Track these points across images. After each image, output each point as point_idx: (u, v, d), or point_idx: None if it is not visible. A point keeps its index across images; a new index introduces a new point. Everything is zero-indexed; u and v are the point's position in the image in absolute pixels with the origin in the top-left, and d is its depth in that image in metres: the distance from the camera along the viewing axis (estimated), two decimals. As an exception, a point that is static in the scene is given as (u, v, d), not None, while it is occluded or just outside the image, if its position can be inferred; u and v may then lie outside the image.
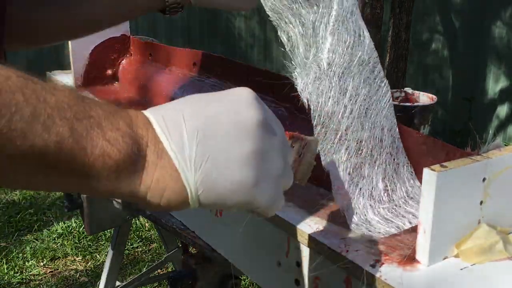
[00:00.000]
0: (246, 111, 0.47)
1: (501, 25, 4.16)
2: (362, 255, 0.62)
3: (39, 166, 0.39)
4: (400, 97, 1.29)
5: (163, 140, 0.44)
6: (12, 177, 0.39)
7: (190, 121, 0.45)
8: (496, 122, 4.35)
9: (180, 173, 0.44)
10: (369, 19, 3.40)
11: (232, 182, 0.45)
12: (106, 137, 0.41)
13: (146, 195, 0.45)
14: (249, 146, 0.46)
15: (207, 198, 0.46)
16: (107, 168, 0.42)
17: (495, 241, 0.61)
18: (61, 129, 0.39)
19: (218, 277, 1.06)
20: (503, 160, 0.63)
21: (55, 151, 0.39)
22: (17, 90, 0.37)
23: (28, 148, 0.37)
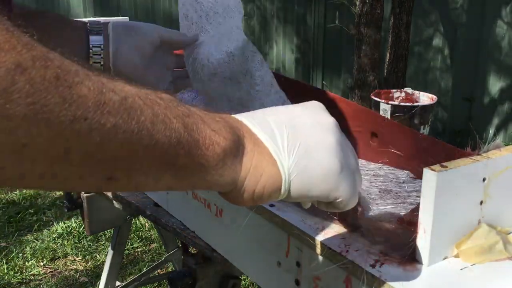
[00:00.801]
0: (324, 114, 0.53)
1: (501, 25, 4.16)
2: (362, 255, 0.62)
3: (160, 163, 0.42)
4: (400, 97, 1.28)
5: (256, 132, 0.50)
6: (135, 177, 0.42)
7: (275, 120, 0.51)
8: (496, 122, 4.35)
9: (275, 158, 0.49)
10: (369, 19, 3.40)
11: (322, 167, 0.50)
12: (211, 128, 0.46)
13: (244, 181, 0.49)
14: (333, 138, 0.51)
15: (298, 182, 0.50)
16: (216, 156, 0.45)
17: (495, 241, 0.61)
18: (177, 125, 0.42)
19: (218, 277, 1.06)
20: (503, 160, 0.63)
21: (176, 146, 0.42)
22: (135, 96, 0.40)
23: (153, 147, 0.40)
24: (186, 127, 0.43)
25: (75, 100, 0.35)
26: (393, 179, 0.81)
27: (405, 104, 1.18)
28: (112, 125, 0.37)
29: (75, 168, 0.37)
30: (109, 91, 0.38)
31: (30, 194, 3.36)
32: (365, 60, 3.47)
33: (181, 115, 0.43)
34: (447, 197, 0.58)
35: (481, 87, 4.34)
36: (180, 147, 0.42)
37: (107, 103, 0.37)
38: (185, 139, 0.43)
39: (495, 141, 0.66)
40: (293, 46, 5.35)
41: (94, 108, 0.36)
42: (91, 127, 0.36)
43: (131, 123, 0.39)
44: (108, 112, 0.37)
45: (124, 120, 0.38)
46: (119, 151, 0.39)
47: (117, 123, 0.38)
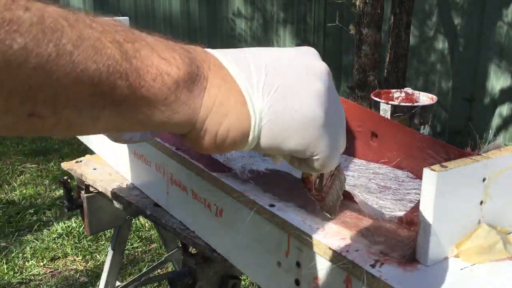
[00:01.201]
0: (316, 60, 0.45)
1: (501, 25, 4.16)
2: (362, 255, 0.62)
3: (91, 96, 0.35)
4: (400, 97, 1.28)
5: (227, 66, 0.42)
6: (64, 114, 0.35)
7: (256, 57, 0.43)
8: (496, 122, 4.35)
9: (246, 97, 0.41)
10: (369, 19, 3.40)
11: (302, 114, 0.42)
12: (161, 56, 0.38)
13: (206, 120, 0.41)
14: (320, 86, 0.43)
15: (269, 130, 0.42)
16: (166, 89, 0.38)
17: (495, 241, 0.61)
18: (112, 51, 0.36)
19: (218, 277, 1.06)
20: (503, 160, 0.63)
21: (108, 76, 0.35)
22: (60, 17, 0.34)
23: (79, 74, 0.34)
24: (125, 54, 0.36)
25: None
26: (392, 177, 0.81)
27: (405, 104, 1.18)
28: (20, 46, 0.32)
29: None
30: (21, 8, 0.32)
31: (30, 194, 3.37)
32: (365, 60, 3.47)
33: (122, 40, 0.36)
34: (447, 197, 0.58)
35: (481, 87, 4.34)
36: (116, 76, 0.35)
37: (15, 21, 0.32)
38: (122, 67, 0.36)
39: (495, 141, 0.66)
40: (293, 46, 5.35)
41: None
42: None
43: (48, 46, 0.32)
44: (15, 31, 0.31)
45: (38, 41, 0.32)
46: (33, 79, 0.33)
47: (27, 45, 0.32)
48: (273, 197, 0.78)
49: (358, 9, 3.45)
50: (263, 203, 0.76)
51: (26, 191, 3.41)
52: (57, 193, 3.38)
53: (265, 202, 0.76)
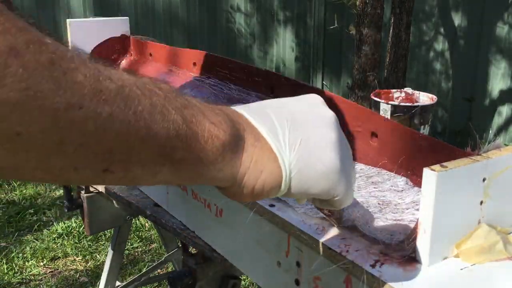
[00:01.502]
0: (324, 109, 0.52)
1: (501, 25, 4.16)
2: (362, 255, 0.62)
3: (157, 155, 0.40)
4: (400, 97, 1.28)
5: (257, 126, 0.48)
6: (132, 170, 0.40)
7: (277, 113, 0.49)
8: (496, 122, 4.35)
9: (276, 154, 0.47)
10: (369, 19, 3.40)
11: (323, 163, 0.48)
12: (211, 120, 0.44)
13: (244, 177, 0.47)
14: (334, 135, 0.50)
15: (298, 180, 0.48)
16: (215, 150, 0.44)
17: (495, 241, 0.61)
18: (176, 117, 0.41)
19: (218, 277, 1.06)
20: (503, 160, 0.63)
21: (173, 139, 0.40)
22: (133, 85, 0.38)
23: (150, 138, 0.39)
24: (184, 119, 0.41)
25: (70, 87, 0.34)
26: (391, 186, 0.81)
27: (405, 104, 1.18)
28: (108, 114, 0.36)
29: (69, 159, 0.36)
30: (105, 79, 0.36)
31: (30, 194, 3.36)
32: (365, 60, 3.47)
33: (180, 106, 0.42)
34: (447, 197, 0.58)
35: (481, 87, 4.34)
36: (178, 139, 0.41)
37: (103, 91, 0.36)
38: (183, 131, 0.41)
39: (495, 141, 0.66)
40: (293, 46, 5.35)
41: (90, 96, 0.35)
42: (87, 116, 0.35)
43: (128, 113, 0.37)
44: (104, 101, 0.36)
45: (121, 109, 0.37)
46: (115, 142, 0.37)
47: (113, 112, 0.36)
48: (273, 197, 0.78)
49: (358, 9, 3.45)
50: (263, 203, 0.76)
51: (26, 191, 3.41)
52: (57, 193, 3.38)
53: (265, 202, 0.76)
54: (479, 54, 4.30)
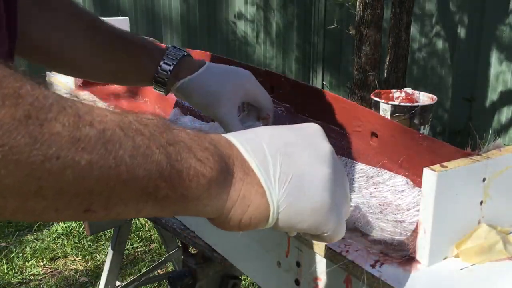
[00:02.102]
0: (320, 141, 0.51)
1: (501, 25, 4.16)
2: (362, 255, 0.62)
3: (140, 195, 0.40)
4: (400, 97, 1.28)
5: (248, 159, 0.47)
6: (113, 209, 0.40)
7: (271, 145, 0.48)
8: (496, 123, 4.35)
9: (265, 189, 0.46)
10: (369, 19, 3.40)
11: (313, 201, 0.48)
12: (197, 157, 0.43)
13: (230, 211, 0.47)
14: (327, 171, 0.49)
15: (286, 215, 0.47)
16: (201, 187, 0.43)
17: (495, 241, 0.61)
18: (159, 157, 0.40)
19: (218, 277, 1.06)
20: (503, 160, 0.63)
21: (156, 179, 0.40)
22: (116, 126, 0.38)
23: (132, 180, 0.39)
24: (169, 158, 0.41)
25: (46, 139, 0.34)
26: (392, 186, 0.81)
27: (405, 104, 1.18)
28: (87, 162, 0.36)
29: (49, 202, 0.36)
30: (85, 125, 0.36)
31: (30, 194, 3.37)
32: (365, 60, 3.47)
33: (165, 144, 0.41)
34: (447, 197, 0.58)
35: (481, 87, 4.34)
36: (161, 179, 0.40)
37: (82, 139, 0.35)
38: (167, 171, 0.40)
39: (495, 141, 0.66)
40: (293, 45, 5.35)
41: (68, 145, 0.35)
42: (64, 165, 0.35)
43: (108, 158, 0.37)
44: (83, 149, 0.35)
45: (101, 155, 0.36)
46: (94, 186, 0.37)
47: (92, 160, 0.36)
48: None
49: (358, 9, 3.45)
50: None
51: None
52: (57, 193, 3.37)
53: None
54: (479, 54, 4.30)
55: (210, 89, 0.85)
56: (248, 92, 0.87)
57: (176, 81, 0.86)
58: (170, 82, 0.87)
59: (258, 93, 0.89)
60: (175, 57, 0.87)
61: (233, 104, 0.86)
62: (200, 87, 0.86)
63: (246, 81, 0.88)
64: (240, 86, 0.87)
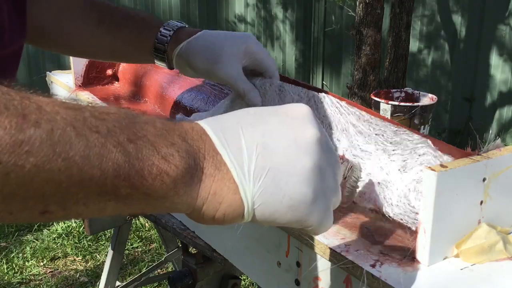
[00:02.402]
0: (305, 127, 0.46)
1: (501, 25, 4.16)
2: (362, 255, 0.62)
3: (98, 195, 0.38)
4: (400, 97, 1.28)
5: (221, 152, 0.44)
6: (73, 209, 0.38)
7: (248, 134, 0.44)
8: (496, 122, 4.35)
9: (238, 185, 0.43)
10: (369, 19, 3.40)
11: (291, 197, 0.44)
12: (161, 154, 0.40)
13: (202, 207, 0.44)
14: (309, 162, 0.45)
15: (262, 212, 0.45)
16: (165, 186, 0.41)
17: (495, 241, 0.61)
18: (116, 155, 0.38)
19: (218, 277, 1.06)
20: (503, 160, 0.63)
21: (113, 178, 0.38)
22: (68, 125, 0.36)
23: (86, 181, 0.37)
24: (128, 156, 0.38)
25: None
26: None
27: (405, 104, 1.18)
28: (32, 165, 0.34)
29: (1, 206, 0.35)
30: (31, 126, 0.34)
31: (30, 194, 3.37)
32: (365, 60, 3.47)
33: (125, 140, 0.38)
34: (447, 197, 0.58)
35: (481, 87, 4.34)
36: (120, 179, 0.38)
37: (26, 141, 0.34)
38: (125, 170, 0.38)
39: (495, 141, 0.66)
40: (293, 45, 5.35)
41: (9, 149, 0.33)
42: (7, 171, 0.33)
43: (57, 161, 0.35)
44: (27, 152, 0.34)
45: (48, 158, 0.34)
46: (45, 189, 0.35)
47: (38, 163, 0.34)
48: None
49: (358, 9, 3.45)
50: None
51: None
52: (57, 193, 3.37)
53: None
54: (479, 54, 4.30)
55: (211, 48, 0.81)
56: (250, 50, 0.83)
57: (176, 46, 0.85)
58: (170, 49, 0.85)
59: (260, 52, 0.84)
60: (173, 26, 0.86)
61: (237, 60, 0.81)
62: (201, 47, 0.82)
63: (247, 40, 0.84)
64: (242, 43, 0.82)
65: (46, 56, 4.58)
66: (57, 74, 1.56)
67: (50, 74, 1.56)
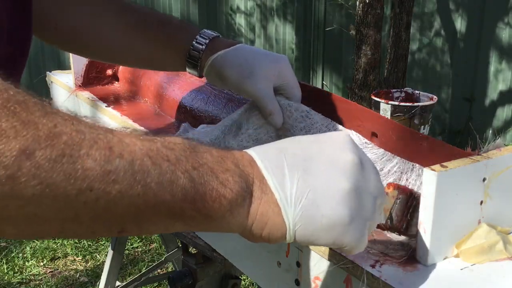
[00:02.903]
0: (342, 152, 0.50)
1: (501, 25, 4.16)
2: (362, 255, 0.62)
3: (167, 216, 0.43)
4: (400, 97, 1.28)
5: (266, 177, 0.48)
6: (145, 227, 0.44)
7: (291, 160, 0.49)
8: (496, 122, 4.35)
9: (281, 208, 0.47)
10: (369, 19, 3.40)
11: (329, 218, 0.48)
12: (219, 179, 0.45)
13: (252, 227, 0.48)
14: (346, 185, 0.48)
15: (303, 233, 0.48)
16: (223, 208, 0.45)
17: (495, 241, 0.61)
18: (184, 181, 0.43)
19: (218, 277, 1.06)
20: (503, 160, 0.63)
21: (180, 203, 0.43)
22: (144, 155, 0.41)
23: (160, 204, 0.42)
24: (193, 182, 0.43)
25: (80, 175, 0.37)
26: None
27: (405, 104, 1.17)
28: (117, 191, 0.39)
29: (85, 226, 0.40)
30: (115, 158, 0.39)
31: (30, 194, 3.37)
32: (365, 60, 3.47)
33: (190, 168, 0.44)
34: (447, 197, 0.58)
35: (481, 87, 4.34)
36: (186, 202, 0.43)
37: (113, 171, 0.38)
38: (191, 194, 0.43)
39: (495, 141, 0.66)
40: (293, 45, 5.35)
41: (99, 178, 0.38)
42: (97, 196, 0.38)
43: (137, 187, 0.40)
44: (113, 181, 0.38)
45: (130, 185, 0.39)
46: (126, 212, 0.40)
47: (122, 189, 0.39)
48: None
49: (358, 9, 3.45)
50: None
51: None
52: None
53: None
54: (479, 54, 4.30)
55: (246, 62, 0.82)
56: (282, 74, 0.84)
57: (211, 55, 0.85)
58: (204, 57, 0.85)
59: (290, 78, 0.85)
60: (209, 35, 0.86)
61: (269, 80, 0.83)
62: (236, 60, 0.83)
63: (282, 63, 0.85)
64: (276, 65, 0.84)
65: (46, 56, 4.58)
66: (57, 74, 1.56)
67: (50, 74, 1.56)
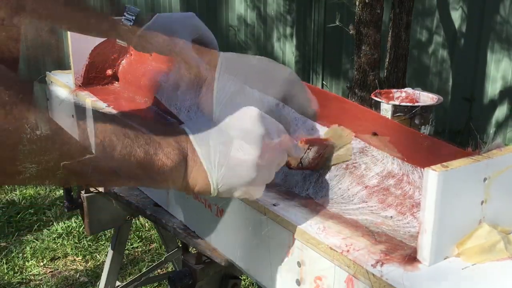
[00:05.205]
0: (254, 126, 0.68)
1: (501, 25, 4.16)
2: (363, 255, 0.62)
3: (124, 178, 0.63)
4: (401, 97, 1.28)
5: (197, 150, 0.67)
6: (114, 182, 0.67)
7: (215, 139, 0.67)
8: (496, 122, 4.35)
9: (207, 172, 0.67)
10: (369, 19, 3.40)
11: (243, 179, 0.67)
12: (164, 152, 0.64)
13: (186, 186, 0.68)
14: (254, 152, 0.66)
15: (223, 189, 0.68)
16: (165, 173, 0.65)
17: (496, 241, 0.61)
18: (139, 153, 0.62)
19: (218, 277, 1.06)
20: (504, 160, 0.63)
21: (138, 167, 0.62)
22: (112, 134, 0.60)
23: (124, 168, 0.61)
24: (146, 154, 0.62)
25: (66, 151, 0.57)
26: None
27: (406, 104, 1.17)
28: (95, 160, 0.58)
29: None
30: (120, 139, 0.61)
31: (30, 194, 3.36)
32: (365, 60, 3.47)
33: (144, 143, 0.62)
34: (448, 197, 0.58)
35: (481, 87, 4.34)
36: (141, 167, 0.62)
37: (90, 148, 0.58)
38: (145, 162, 0.62)
39: (495, 141, 0.66)
40: (293, 45, 5.35)
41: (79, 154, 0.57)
42: None
43: (107, 157, 0.59)
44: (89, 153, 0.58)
45: (104, 156, 0.58)
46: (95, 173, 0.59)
47: (97, 158, 0.58)
48: (276, 196, 0.78)
49: (358, 9, 3.45)
50: (266, 203, 0.76)
51: (26, 191, 3.40)
52: (57, 193, 3.37)
53: (268, 201, 0.76)
54: (479, 54, 4.30)
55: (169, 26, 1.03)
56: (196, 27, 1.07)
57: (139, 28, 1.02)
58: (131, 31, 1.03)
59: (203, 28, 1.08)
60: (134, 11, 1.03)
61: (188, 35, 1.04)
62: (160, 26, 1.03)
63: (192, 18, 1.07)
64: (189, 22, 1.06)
65: (46, 56, 4.57)
66: (57, 74, 1.56)
67: (50, 74, 1.56)
